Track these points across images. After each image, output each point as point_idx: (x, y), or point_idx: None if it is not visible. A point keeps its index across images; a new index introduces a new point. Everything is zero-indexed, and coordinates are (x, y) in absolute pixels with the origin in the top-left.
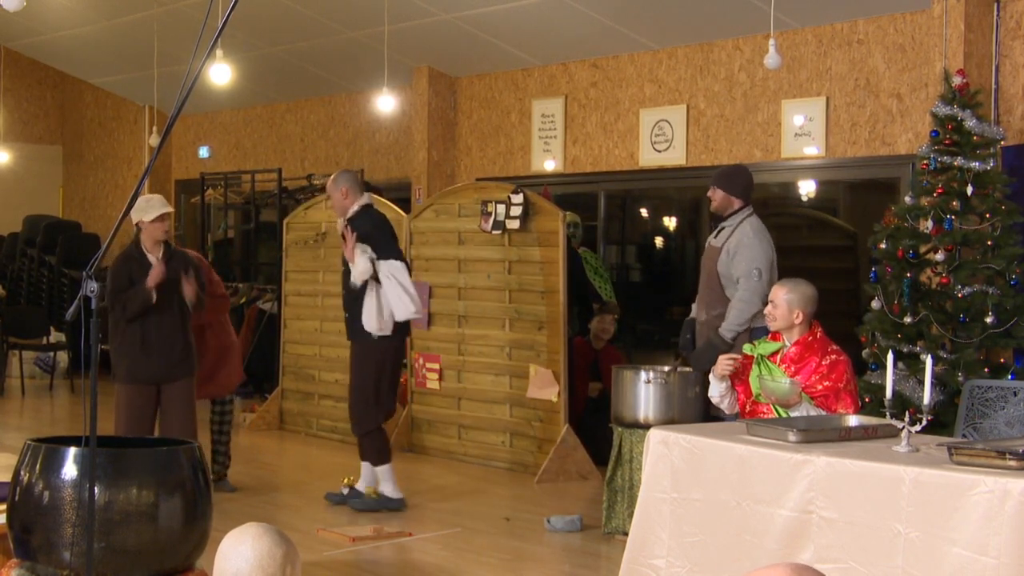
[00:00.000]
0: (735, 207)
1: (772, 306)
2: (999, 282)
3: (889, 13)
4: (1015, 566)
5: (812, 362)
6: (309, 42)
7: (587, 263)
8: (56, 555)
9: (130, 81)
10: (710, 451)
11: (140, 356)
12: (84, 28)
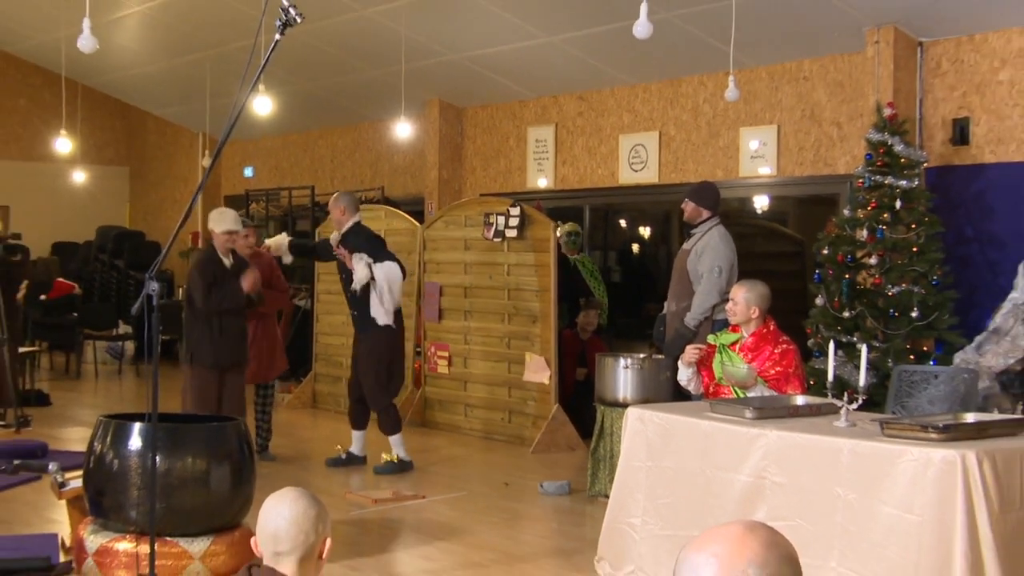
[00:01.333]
0: (704, 217)
1: (733, 303)
2: (923, 282)
3: (830, 54)
4: (935, 522)
5: (766, 351)
6: (338, 78)
7: (584, 267)
8: (124, 514)
9: (186, 112)
10: (679, 426)
11: (214, 345)
12: (147, 67)
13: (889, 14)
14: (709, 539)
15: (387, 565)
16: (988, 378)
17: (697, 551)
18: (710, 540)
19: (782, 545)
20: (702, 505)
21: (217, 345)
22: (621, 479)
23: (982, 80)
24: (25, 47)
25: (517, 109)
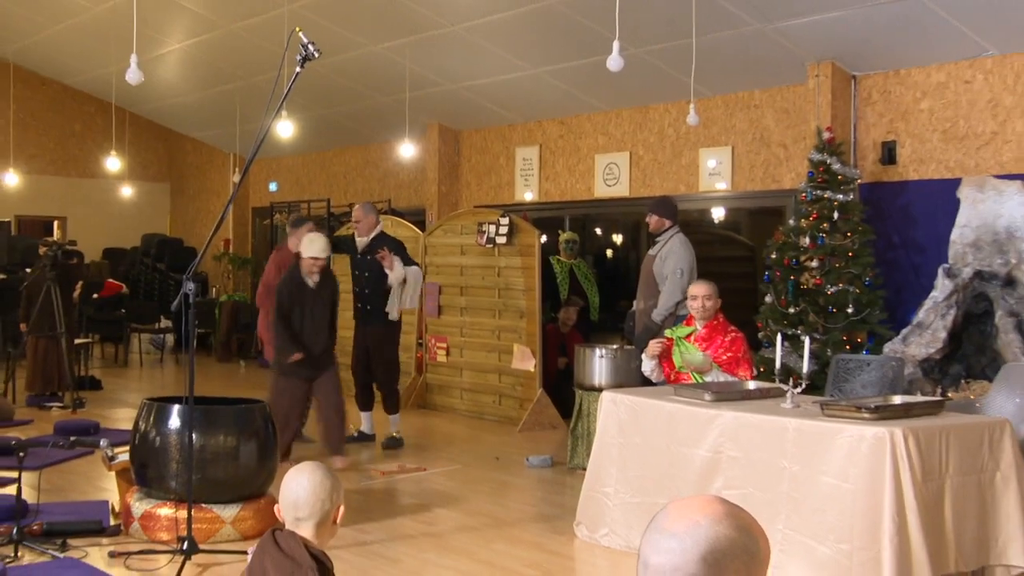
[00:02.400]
0: (666, 227)
1: (692, 299)
2: (857, 283)
3: (777, 86)
4: (867, 489)
5: (718, 339)
6: (350, 105)
7: (579, 270)
8: (165, 484)
9: (219, 135)
10: (647, 408)
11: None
12: (186, 97)
13: (828, 52)
14: (672, 514)
15: (392, 528)
16: (912, 365)
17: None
18: (673, 515)
19: (739, 516)
20: (667, 477)
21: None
22: (596, 454)
23: (906, 109)
24: (81, 80)
25: (506, 132)
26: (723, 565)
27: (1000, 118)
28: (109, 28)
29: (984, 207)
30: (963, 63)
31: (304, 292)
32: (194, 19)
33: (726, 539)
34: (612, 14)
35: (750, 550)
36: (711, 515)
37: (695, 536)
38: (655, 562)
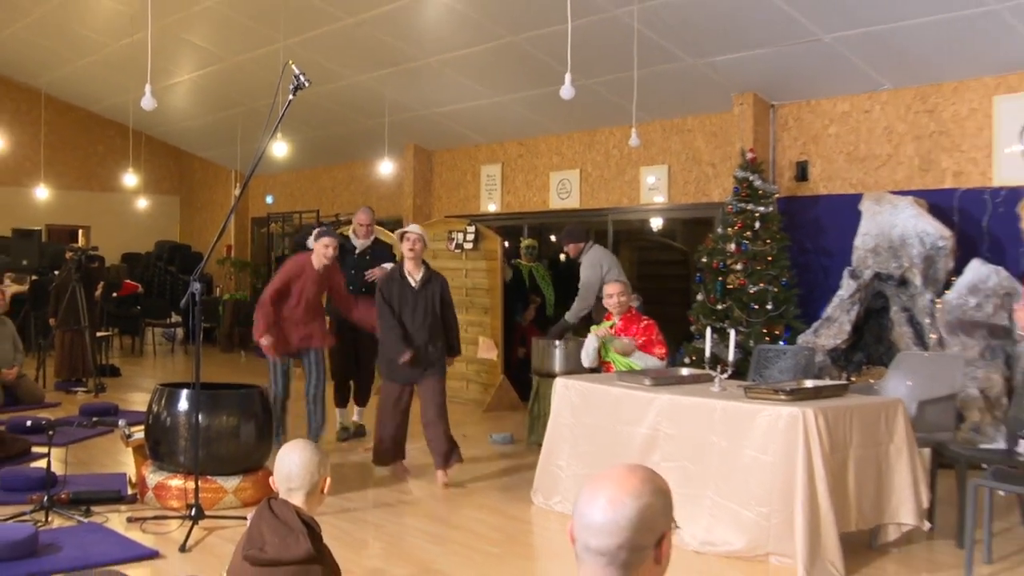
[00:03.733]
0: (582, 247)
1: (608, 297)
2: (775, 283)
3: (707, 112)
4: (783, 461)
5: (633, 327)
6: (337, 128)
7: (538, 273)
8: (175, 458)
9: (222, 154)
10: (595, 392)
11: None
12: (194, 120)
13: (750, 84)
14: (599, 481)
15: (372, 497)
16: (822, 354)
17: (591, 490)
18: (600, 482)
19: (655, 481)
20: (612, 451)
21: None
22: (551, 432)
23: (817, 134)
24: (102, 106)
25: (473, 151)
26: (650, 526)
27: (894, 142)
28: (127, 61)
29: (881, 218)
30: (863, 95)
31: (405, 291)
32: (201, 53)
33: (648, 507)
34: (565, 50)
35: (665, 500)
36: (631, 494)
37: (629, 518)
38: (597, 545)
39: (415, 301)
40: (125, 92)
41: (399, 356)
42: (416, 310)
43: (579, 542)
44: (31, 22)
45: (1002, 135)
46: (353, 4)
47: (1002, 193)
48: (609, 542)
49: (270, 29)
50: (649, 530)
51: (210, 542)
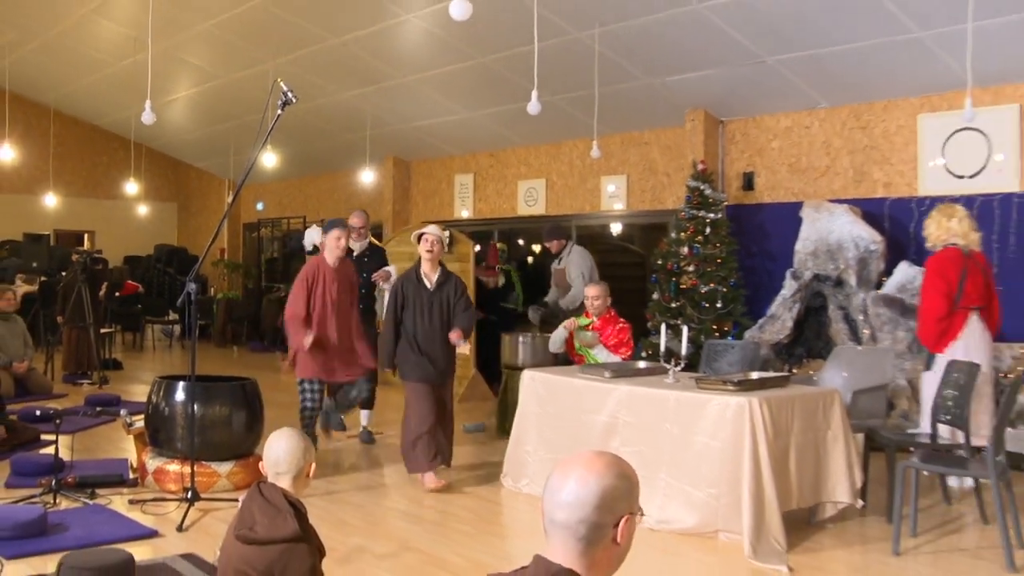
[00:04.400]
0: (564, 245)
1: (591, 300)
2: (724, 284)
3: (662, 127)
4: (731, 446)
5: (609, 328)
6: (322, 141)
7: (513, 274)
8: (172, 445)
9: (216, 164)
10: (559, 383)
11: (413, 361)
12: (191, 133)
13: (701, 101)
14: (570, 462)
15: (354, 480)
16: (766, 348)
17: (561, 469)
18: (570, 462)
19: (620, 467)
20: (575, 438)
21: (417, 362)
22: (519, 420)
23: (761, 147)
24: (107, 121)
25: (447, 162)
26: (611, 506)
27: (832, 156)
28: (129, 80)
29: (820, 224)
30: (803, 112)
31: (421, 293)
32: (197, 72)
33: (611, 487)
34: (531, 69)
35: (628, 485)
36: (596, 473)
37: (590, 494)
38: (563, 519)
39: (430, 303)
40: (127, 108)
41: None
42: (432, 312)
43: (547, 515)
44: (41, 44)
45: (926, 150)
46: (337, 26)
47: (926, 202)
48: (571, 516)
49: (260, 50)
50: (609, 510)
51: (205, 522)
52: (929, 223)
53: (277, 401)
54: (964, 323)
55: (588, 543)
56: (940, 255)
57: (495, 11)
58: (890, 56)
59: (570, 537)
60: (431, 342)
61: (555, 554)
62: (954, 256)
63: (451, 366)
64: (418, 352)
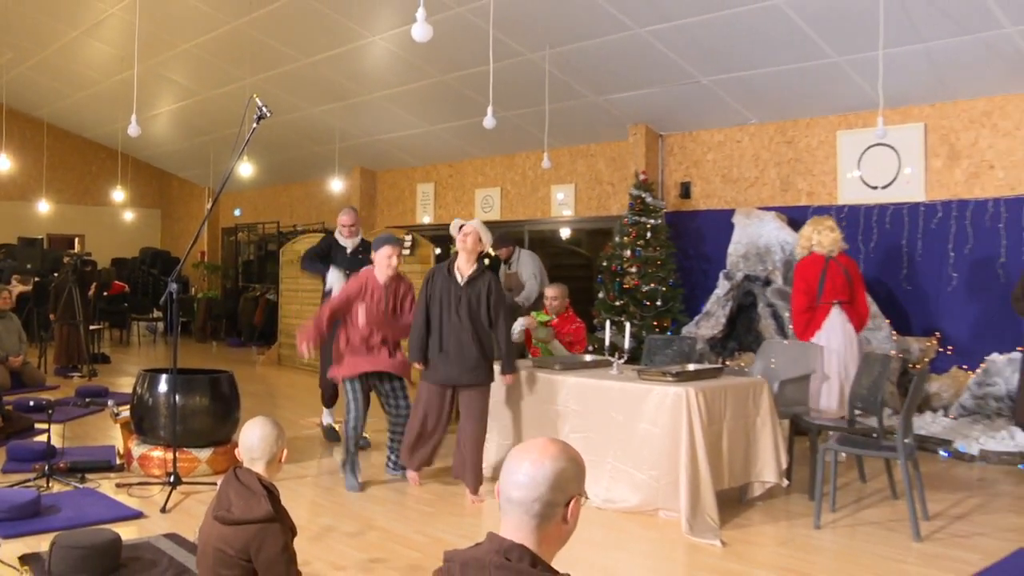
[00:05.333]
0: (512, 250)
1: (550, 299)
2: (664, 284)
3: (607, 140)
4: (670, 432)
5: (567, 326)
6: (294, 152)
7: None
8: (156, 432)
9: (197, 173)
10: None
11: (437, 361)
12: (173, 145)
13: (642, 117)
14: (525, 447)
15: (325, 465)
16: (702, 342)
17: (518, 453)
18: (526, 447)
19: (571, 452)
20: (530, 425)
21: (434, 363)
22: None
23: (697, 159)
24: (95, 133)
25: (410, 172)
26: (563, 487)
27: (760, 167)
28: (117, 95)
29: (750, 229)
30: (735, 128)
31: (450, 287)
32: (179, 88)
33: (563, 470)
34: (487, 87)
35: (577, 469)
36: (550, 456)
37: (544, 475)
38: (519, 497)
39: (458, 299)
40: (114, 121)
41: (415, 360)
42: (459, 308)
43: (503, 495)
44: (36, 63)
45: (844, 163)
46: (308, 47)
47: (845, 209)
48: (526, 495)
49: (238, 68)
50: (561, 490)
51: (186, 504)
52: (800, 235)
53: (252, 392)
54: (826, 315)
55: (541, 520)
56: (804, 261)
57: (454, 34)
58: (811, 78)
59: (524, 514)
60: (454, 339)
61: (509, 531)
62: (815, 260)
63: (479, 370)
64: (438, 350)
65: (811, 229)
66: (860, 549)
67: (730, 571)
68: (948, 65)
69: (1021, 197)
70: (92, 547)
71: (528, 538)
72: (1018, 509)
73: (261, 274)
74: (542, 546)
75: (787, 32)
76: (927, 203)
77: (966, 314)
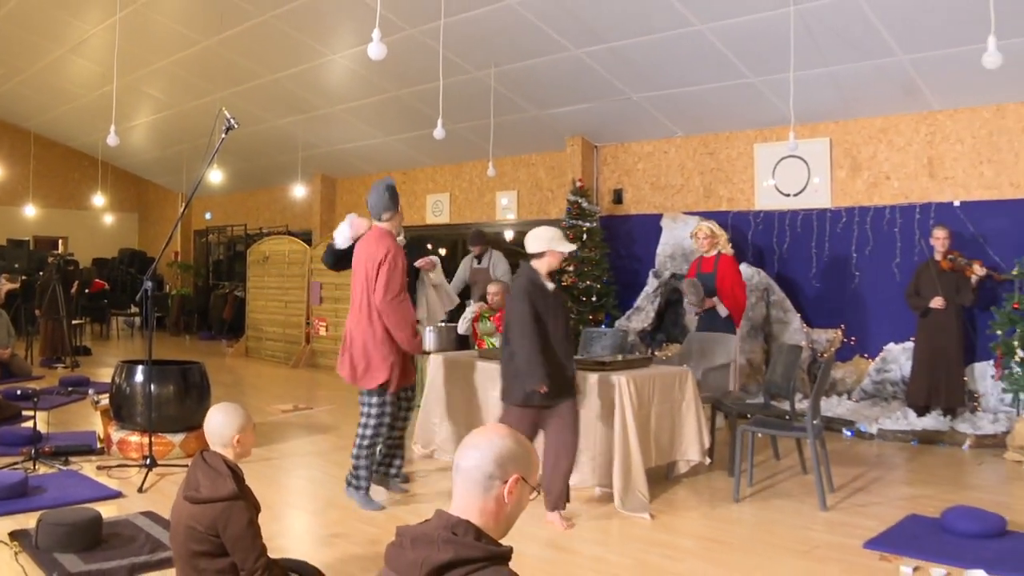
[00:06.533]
0: (486, 249)
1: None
2: (599, 281)
3: (547, 151)
4: (605, 416)
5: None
6: (260, 160)
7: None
8: (133, 419)
9: (172, 180)
10: (460, 365)
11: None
12: (149, 154)
13: (579, 129)
14: (481, 428)
15: (289, 448)
16: (633, 335)
17: (476, 430)
18: (482, 428)
19: (518, 437)
20: (473, 411)
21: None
22: (427, 396)
23: (629, 168)
24: (78, 143)
25: (366, 179)
26: (506, 465)
27: (685, 176)
28: (98, 108)
29: (676, 232)
30: (663, 140)
31: (547, 299)
32: (155, 102)
33: (508, 448)
34: (437, 101)
35: (524, 455)
36: (499, 434)
37: (490, 447)
38: (464, 465)
39: (555, 308)
40: (96, 132)
41: (539, 385)
42: (557, 319)
43: (455, 465)
44: (24, 78)
45: (760, 172)
46: (274, 64)
47: (761, 215)
48: (471, 463)
49: (209, 83)
50: (501, 465)
51: (161, 485)
52: (719, 234)
53: (222, 381)
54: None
55: (482, 489)
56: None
57: (407, 52)
58: (731, 97)
59: (468, 481)
60: (564, 351)
61: (455, 508)
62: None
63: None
64: (559, 366)
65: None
66: (773, 519)
67: (658, 541)
68: (850, 87)
69: (913, 205)
70: (75, 524)
71: (472, 513)
72: (910, 481)
73: (230, 273)
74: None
75: (710, 55)
76: (833, 209)
77: (867, 308)
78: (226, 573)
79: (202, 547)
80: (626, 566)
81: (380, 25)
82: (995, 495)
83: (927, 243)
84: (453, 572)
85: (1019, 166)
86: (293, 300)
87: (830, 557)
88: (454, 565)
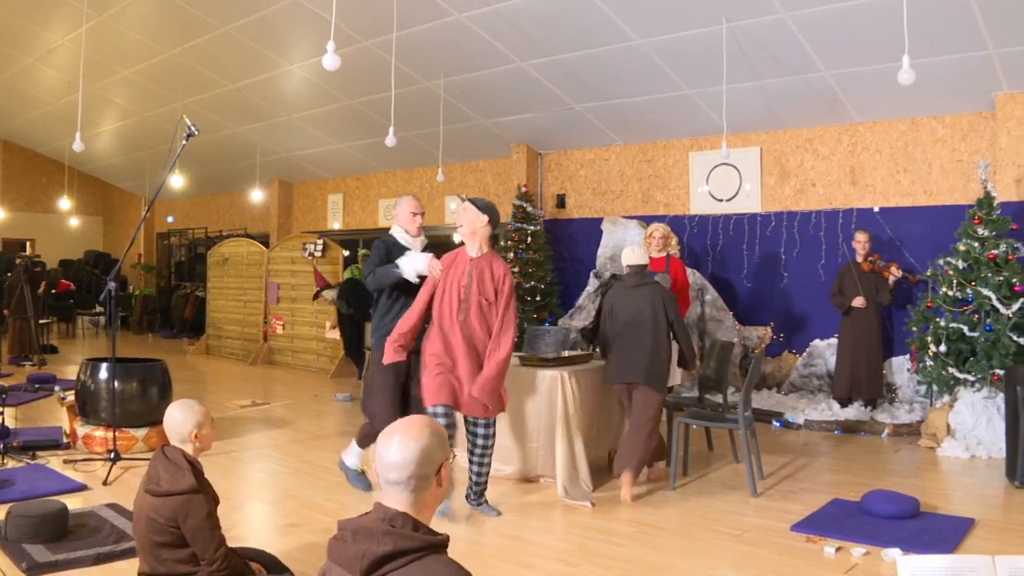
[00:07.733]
0: None
1: None
2: (543, 282)
3: (494, 158)
4: (547, 409)
5: None
6: (220, 166)
7: None
8: (98, 414)
9: (135, 184)
10: None
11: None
12: (114, 159)
13: (524, 138)
14: (390, 430)
15: (247, 442)
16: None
17: (385, 437)
18: (391, 431)
19: (432, 427)
20: None
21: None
22: None
23: (571, 174)
24: (45, 148)
25: (322, 184)
26: (430, 460)
27: (624, 182)
28: (64, 115)
29: (616, 235)
30: (603, 148)
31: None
32: (119, 109)
33: (428, 446)
34: (389, 110)
35: (441, 441)
36: (411, 437)
37: (412, 455)
38: (395, 478)
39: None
40: (62, 138)
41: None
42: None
43: (380, 477)
44: None
45: (695, 179)
46: (234, 74)
47: (696, 219)
48: (400, 475)
49: (171, 92)
50: (429, 463)
51: (125, 478)
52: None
53: (183, 378)
54: None
55: (417, 492)
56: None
57: (360, 63)
58: (667, 107)
59: (402, 490)
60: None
61: (392, 501)
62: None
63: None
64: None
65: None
66: (708, 504)
67: (598, 527)
68: (778, 100)
69: (837, 210)
70: (43, 516)
71: (408, 507)
72: (834, 468)
73: (191, 274)
74: (422, 511)
75: (648, 68)
76: (763, 214)
77: (794, 307)
78: (187, 563)
79: (163, 538)
80: (569, 551)
81: (335, 37)
82: (910, 479)
83: (849, 246)
84: (393, 563)
85: (932, 175)
86: (251, 300)
87: (760, 540)
88: (394, 556)
